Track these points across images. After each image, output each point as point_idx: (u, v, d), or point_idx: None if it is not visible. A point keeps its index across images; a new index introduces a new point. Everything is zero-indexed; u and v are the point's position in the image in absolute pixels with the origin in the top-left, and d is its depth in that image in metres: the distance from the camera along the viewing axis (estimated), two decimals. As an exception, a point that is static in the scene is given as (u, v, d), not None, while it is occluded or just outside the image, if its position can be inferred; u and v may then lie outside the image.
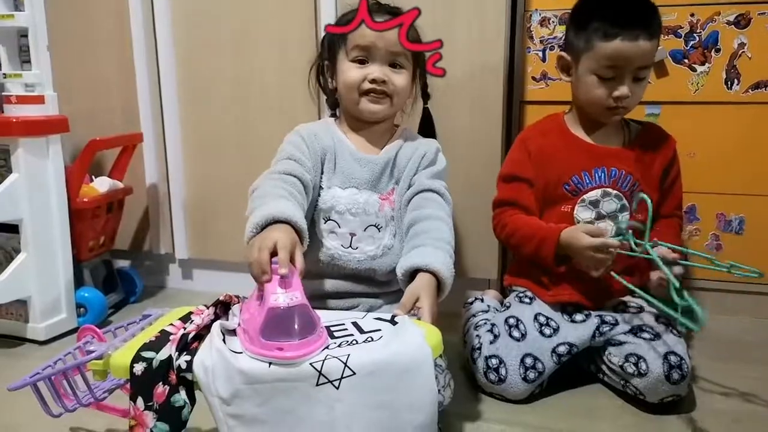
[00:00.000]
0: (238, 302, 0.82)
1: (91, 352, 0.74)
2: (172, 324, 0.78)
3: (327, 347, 0.72)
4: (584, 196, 1.14)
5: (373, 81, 1.02)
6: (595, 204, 1.14)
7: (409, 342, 0.73)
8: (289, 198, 0.89)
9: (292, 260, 0.75)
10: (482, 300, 1.30)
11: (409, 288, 0.86)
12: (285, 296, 0.71)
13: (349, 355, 0.69)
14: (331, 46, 1.09)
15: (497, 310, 1.25)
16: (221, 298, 0.83)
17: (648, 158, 1.16)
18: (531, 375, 1.05)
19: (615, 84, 1.08)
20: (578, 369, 1.14)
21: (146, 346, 0.72)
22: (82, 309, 1.41)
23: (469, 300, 1.32)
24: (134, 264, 1.72)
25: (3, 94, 1.33)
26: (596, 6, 1.10)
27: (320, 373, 0.67)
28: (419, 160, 1.06)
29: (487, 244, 1.43)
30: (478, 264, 1.46)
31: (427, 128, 1.17)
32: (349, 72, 1.03)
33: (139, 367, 0.71)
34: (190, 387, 0.71)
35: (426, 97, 1.16)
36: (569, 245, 1.07)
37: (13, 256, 1.31)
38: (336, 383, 0.68)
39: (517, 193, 1.18)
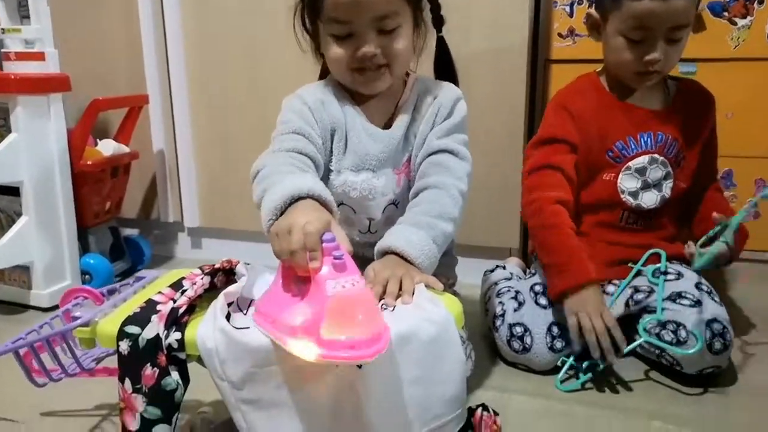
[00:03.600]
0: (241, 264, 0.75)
1: (78, 317, 0.67)
2: (160, 292, 0.70)
3: None
4: (630, 163, 1.05)
5: (362, 57, 0.84)
6: (642, 172, 1.05)
7: (431, 312, 0.66)
8: (303, 172, 0.76)
9: None
10: (504, 267, 1.23)
11: (367, 269, 0.74)
12: (342, 282, 0.58)
13: None
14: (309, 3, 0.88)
15: (520, 277, 1.18)
16: (218, 265, 0.73)
17: (691, 121, 1.07)
18: (558, 345, 0.98)
19: (645, 47, 0.97)
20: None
21: (130, 320, 0.65)
22: (87, 276, 1.37)
23: (490, 268, 1.24)
24: (142, 232, 1.68)
25: (2, 50, 1.27)
26: None
27: None
28: (433, 117, 0.90)
29: (507, 211, 1.35)
30: (498, 232, 1.38)
31: (443, 62, 0.98)
32: (332, 49, 0.85)
33: (124, 346, 0.64)
34: (183, 366, 0.65)
35: (438, 23, 0.94)
36: (575, 304, 0.95)
37: (15, 220, 1.26)
38: None
39: (556, 156, 1.04)
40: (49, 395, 0.85)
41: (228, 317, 0.65)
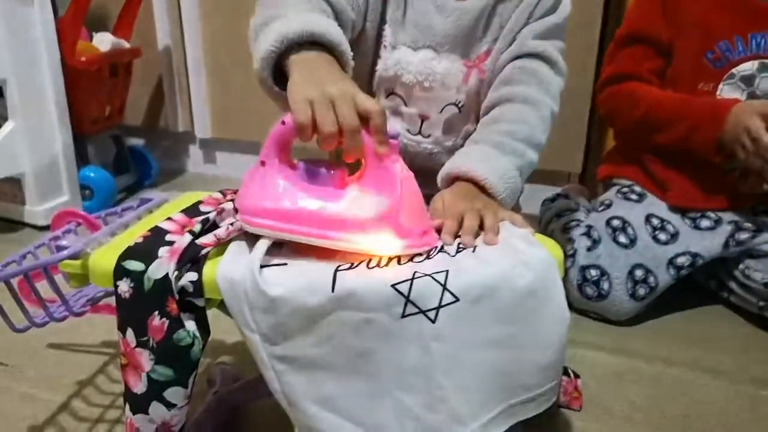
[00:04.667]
0: None
1: (64, 248, 0.52)
2: (170, 218, 0.55)
3: (411, 259, 0.50)
4: (733, 70, 0.85)
5: None
6: (748, 81, 0.85)
7: (527, 254, 0.49)
8: (317, 12, 0.58)
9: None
10: (567, 196, 1.06)
11: (434, 199, 0.59)
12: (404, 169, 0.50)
13: (447, 272, 0.46)
14: None
15: (588, 209, 1.01)
16: None
17: None
18: (641, 291, 0.83)
19: None
20: (692, 284, 0.91)
21: (131, 253, 0.50)
22: (87, 191, 1.22)
23: (550, 197, 1.07)
24: (149, 143, 1.51)
25: None
26: None
27: (408, 299, 0.45)
28: (531, 8, 0.69)
29: (568, 128, 1.16)
30: (556, 153, 1.18)
31: None
32: None
33: (124, 287, 0.49)
34: (201, 315, 0.50)
35: None
36: (736, 123, 0.79)
37: (0, 125, 1.09)
38: (432, 314, 0.46)
39: (639, 62, 0.89)
40: (50, 328, 0.72)
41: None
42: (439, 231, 0.54)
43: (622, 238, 0.86)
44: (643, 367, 0.76)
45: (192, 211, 0.58)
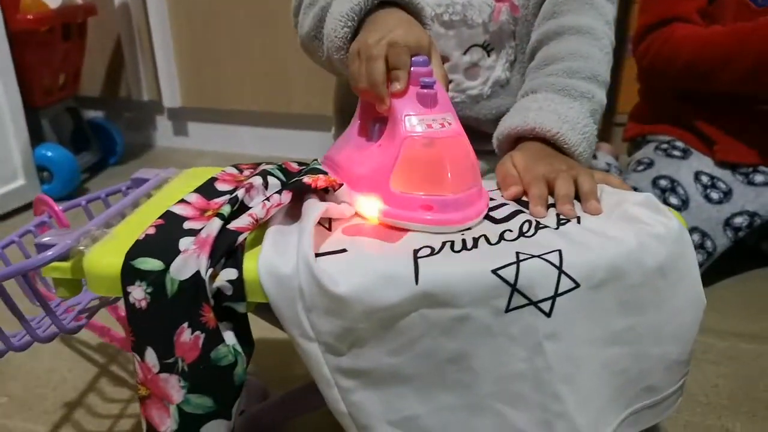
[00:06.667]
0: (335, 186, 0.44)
1: (48, 246, 0.38)
2: (184, 201, 0.43)
3: (502, 237, 0.39)
4: None
5: None
6: None
7: (657, 225, 0.40)
8: None
9: None
10: (595, 156, 0.96)
11: (502, 162, 0.49)
12: (428, 120, 0.41)
13: (560, 251, 0.36)
14: None
15: (620, 169, 0.93)
16: (310, 181, 0.42)
17: None
18: (698, 258, 0.75)
19: None
20: (741, 245, 0.84)
21: (143, 247, 0.38)
22: (45, 173, 1.06)
23: (574, 157, 0.98)
24: (110, 115, 1.35)
25: None
26: None
27: (514, 288, 0.35)
28: None
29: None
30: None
31: None
32: None
33: (138, 293, 0.37)
34: (243, 324, 0.38)
35: None
36: None
37: (-67, 98, 0.93)
38: (545, 305, 0.36)
39: (680, 1, 0.80)
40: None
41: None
42: (518, 200, 0.44)
43: (673, 200, 0.78)
44: (716, 344, 0.68)
45: (208, 190, 0.45)
